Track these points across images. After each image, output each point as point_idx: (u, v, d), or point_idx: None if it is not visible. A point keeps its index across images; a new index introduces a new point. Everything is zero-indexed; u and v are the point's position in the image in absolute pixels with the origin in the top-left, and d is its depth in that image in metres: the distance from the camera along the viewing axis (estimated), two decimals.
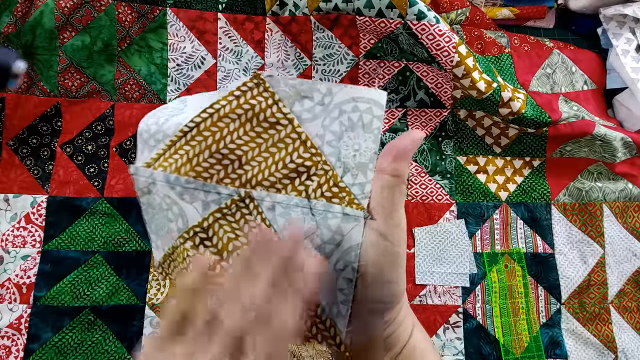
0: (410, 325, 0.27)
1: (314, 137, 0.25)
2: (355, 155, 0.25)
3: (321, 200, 0.24)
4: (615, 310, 0.50)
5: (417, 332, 0.27)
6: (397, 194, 0.24)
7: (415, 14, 0.46)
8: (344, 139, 0.25)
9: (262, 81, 0.25)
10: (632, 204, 0.53)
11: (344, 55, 0.52)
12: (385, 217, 0.24)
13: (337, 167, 0.25)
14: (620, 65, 0.55)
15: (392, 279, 0.24)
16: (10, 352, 0.44)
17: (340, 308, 0.25)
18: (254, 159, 0.25)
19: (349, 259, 0.24)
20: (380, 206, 0.24)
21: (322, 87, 0.25)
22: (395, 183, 0.24)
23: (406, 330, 0.27)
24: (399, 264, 0.24)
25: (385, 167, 0.24)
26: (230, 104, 0.25)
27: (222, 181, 0.25)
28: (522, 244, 0.51)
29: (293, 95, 0.25)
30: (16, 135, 0.48)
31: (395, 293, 0.25)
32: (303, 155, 0.25)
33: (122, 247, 0.47)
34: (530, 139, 0.52)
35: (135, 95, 0.50)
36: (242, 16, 0.52)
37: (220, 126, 0.25)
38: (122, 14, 0.49)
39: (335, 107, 0.25)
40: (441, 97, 0.52)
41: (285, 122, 0.25)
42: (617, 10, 0.55)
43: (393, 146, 0.24)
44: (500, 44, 0.56)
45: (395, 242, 0.24)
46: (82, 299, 0.46)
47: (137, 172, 0.27)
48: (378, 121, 0.25)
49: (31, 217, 0.47)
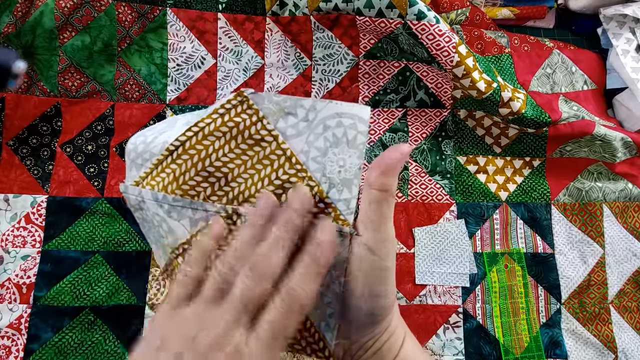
0: (402, 335, 0.27)
1: (299, 153, 0.25)
2: (340, 171, 0.25)
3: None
4: (615, 310, 0.50)
5: (408, 342, 0.27)
6: (385, 208, 0.24)
7: (415, 14, 0.46)
8: (329, 154, 0.25)
9: (245, 98, 0.25)
10: (632, 204, 0.53)
11: (344, 55, 0.52)
12: (373, 232, 0.24)
13: (322, 183, 0.25)
14: (620, 65, 0.55)
15: (381, 293, 0.24)
16: (10, 352, 0.44)
17: (329, 321, 0.25)
18: (240, 176, 0.25)
19: (335, 274, 0.24)
20: (369, 220, 0.24)
21: (306, 103, 0.25)
22: (383, 197, 0.24)
23: (397, 341, 0.27)
24: (388, 277, 0.24)
25: (373, 181, 0.24)
26: (215, 122, 0.25)
27: (209, 198, 0.25)
28: (522, 244, 0.51)
29: (277, 112, 0.25)
30: (16, 135, 0.48)
31: (385, 306, 0.25)
32: (288, 171, 0.25)
33: (122, 247, 0.47)
34: (530, 139, 0.52)
35: (135, 95, 0.50)
36: (242, 16, 0.52)
37: (206, 144, 0.25)
38: (122, 14, 0.49)
39: (319, 123, 0.25)
40: (441, 97, 0.52)
41: (270, 139, 0.25)
42: (617, 10, 0.55)
43: (381, 161, 0.24)
44: (500, 44, 0.56)
45: (384, 256, 0.24)
46: (82, 299, 0.46)
47: (126, 191, 0.27)
48: (362, 137, 0.25)
49: (31, 217, 0.47)
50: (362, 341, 0.26)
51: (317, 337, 0.25)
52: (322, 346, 0.25)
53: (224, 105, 0.25)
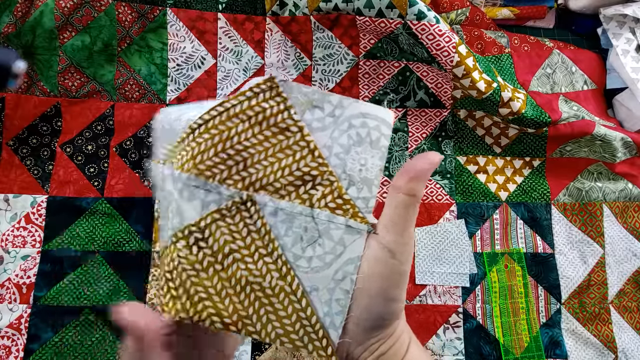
0: (407, 340, 0.28)
1: (322, 147, 0.25)
2: (362, 169, 0.25)
3: (325, 210, 0.25)
4: (615, 310, 0.50)
5: (413, 347, 0.28)
6: (410, 213, 0.24)
7: (415, 14, 0.46)
8: (351, 152, 0.25)
9: (275, 85, 0.25)
10: (632, 204, 0.53)
11: (344, 55, 0.52)
12: (396, 235, 0.24)
13: (342, 180, 0.25)
14: (620, 65, 0.55)
15: (395, 297, 0.25)
16: (10, 352, 0.44)
17: (334, 319, 0.25)
18: (259, 162, 0.25)
19: (348, 270, 0.24)
20: (393, 223, 0.24)
21: (334, 99, 0.25)
22: (410, 202, 0.24)
23: (402, 347, 0.27)
24: (404, 282, 0.25)
25: (402, 185, 0.24)
26: (242, 104, 0.25)
27: (225, 182, 0.25)
28: (522, 244, 0.51)
29: (305, 104, 0.25)
30: (16, 135, 0.48)
31: (396, 310, 0.25)
32: (310, 164, 0.25)
33: (122, 247, 0.47)
34: (530, 139, 0.52)
35: (135, 95, 0.50)
36: (242, 16, 0.52)
37: (229, 125, 0.25)
38: (122, 14, 0.49)
39: (345, 120, 0.25)
40: (441, 97, 0.52)
41: (295, 129, 0.25)
42: (617, 10, 0.55)
43: (411, 166, 0.24)
44: (500, 44, 0.56)
45: (403, 260, 0.24)
46: (82, 299, 0.46)
47: (151, 168, 0.27)
48: (385, 140, 0.25)
49: (31, 217, 0.47)
50: (368, 343, 0.26)
51: (321, 335, 0.25)
52: (324, 344, 0.25)
53: (253, 88, 0.25)
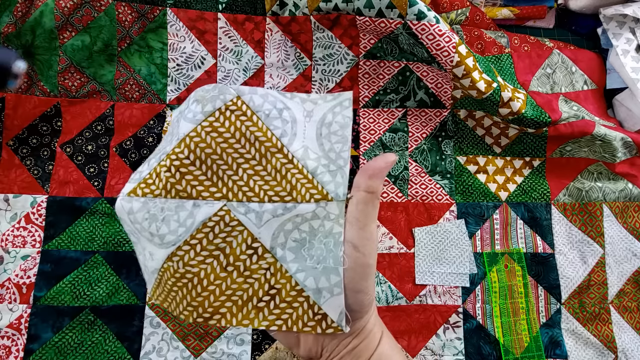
0: (379, 334, 0.29)
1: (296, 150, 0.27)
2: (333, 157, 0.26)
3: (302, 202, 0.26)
4: (615, 310, 0.50)
5: (385, 341, 0.29)
6: (370, 209, 0.26)
7: (415, 14, 0.46)
8: (323, 143, 0.27)
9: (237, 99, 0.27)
10: (632, 204, 0.53)
11: (344, 55, 0.52)
12: (358, 230, 0.25)
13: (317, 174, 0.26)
14: (620, 65, 0.55)
15: (363, 289, 0.26)
16: (10, 352, 0.44)
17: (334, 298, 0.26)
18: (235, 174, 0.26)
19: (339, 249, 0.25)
20: (355, 219, 0.26)
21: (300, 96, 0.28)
22: (370, 199, 0.26)
23: (374, 340, 0.28)
24: (370, 273, 0.26)
25: (361, 184, 0.26)
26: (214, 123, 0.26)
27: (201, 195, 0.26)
28: (522, 244, 0.51)
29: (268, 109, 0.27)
30: (16, 135, 0.48)
31: (364, 302, 0.26)
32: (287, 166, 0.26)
33: (122, 247, 0.47)
34: (530, 139, 0.52)
35: (135, 95, 0.50)
36: (242, 16, 0.52)
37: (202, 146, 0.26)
38: (122, 14, 0.49)
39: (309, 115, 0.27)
40: (441, 97, 0.52)
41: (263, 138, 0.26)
42: (617, 10, 0.55)
43: (369, 166, 0.26)
44: (500, 44, 0.56)
45: (367, 253, 0.25)
46: (82, 299, 0.46)
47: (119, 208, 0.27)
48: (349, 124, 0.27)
49: (31, 217, 0.47)
50: (341, 337, 0.26)
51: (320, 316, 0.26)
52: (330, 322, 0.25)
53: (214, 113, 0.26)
